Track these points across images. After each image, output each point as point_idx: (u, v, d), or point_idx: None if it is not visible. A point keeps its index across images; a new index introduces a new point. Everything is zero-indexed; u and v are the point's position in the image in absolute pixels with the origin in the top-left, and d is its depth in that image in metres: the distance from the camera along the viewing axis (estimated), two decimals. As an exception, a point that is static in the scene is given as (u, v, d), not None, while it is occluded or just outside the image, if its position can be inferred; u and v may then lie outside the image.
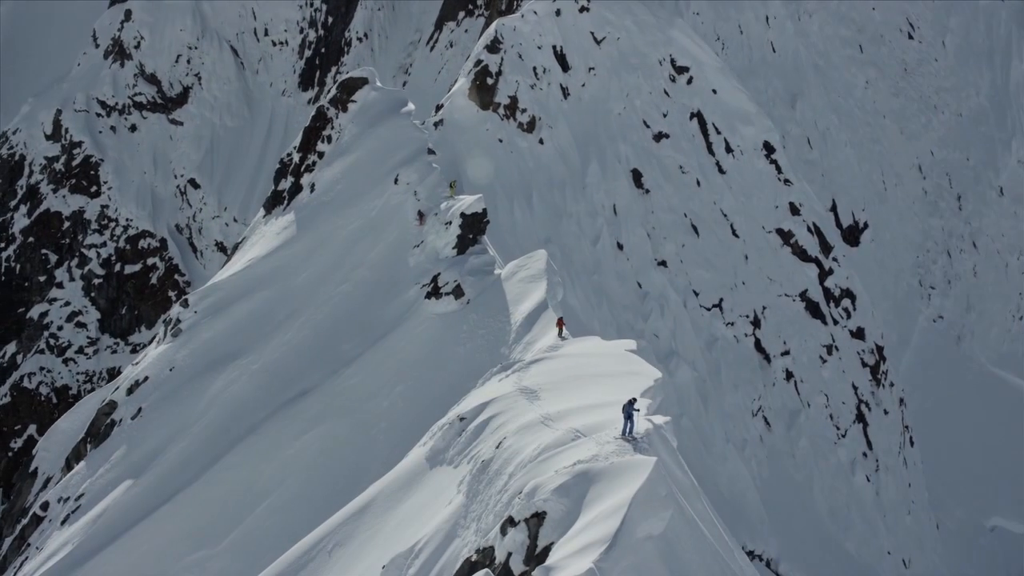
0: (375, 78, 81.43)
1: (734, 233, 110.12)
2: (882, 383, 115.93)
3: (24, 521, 69.25)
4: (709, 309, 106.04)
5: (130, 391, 66.40)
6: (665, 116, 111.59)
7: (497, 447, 34.66)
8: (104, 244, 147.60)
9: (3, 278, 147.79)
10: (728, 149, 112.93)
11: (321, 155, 76.82)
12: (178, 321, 68.84)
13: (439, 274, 63.13)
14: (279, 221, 74.71)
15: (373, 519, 39.58)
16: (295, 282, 68.58)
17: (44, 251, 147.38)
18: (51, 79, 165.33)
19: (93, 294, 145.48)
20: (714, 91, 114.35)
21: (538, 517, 27.00)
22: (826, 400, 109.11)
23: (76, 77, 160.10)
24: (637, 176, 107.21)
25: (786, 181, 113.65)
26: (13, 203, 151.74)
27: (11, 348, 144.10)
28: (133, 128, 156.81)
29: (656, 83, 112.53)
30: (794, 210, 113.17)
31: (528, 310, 57.27)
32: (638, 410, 30.66)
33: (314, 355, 63.56)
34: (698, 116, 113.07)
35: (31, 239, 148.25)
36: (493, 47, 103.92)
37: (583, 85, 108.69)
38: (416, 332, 61.15)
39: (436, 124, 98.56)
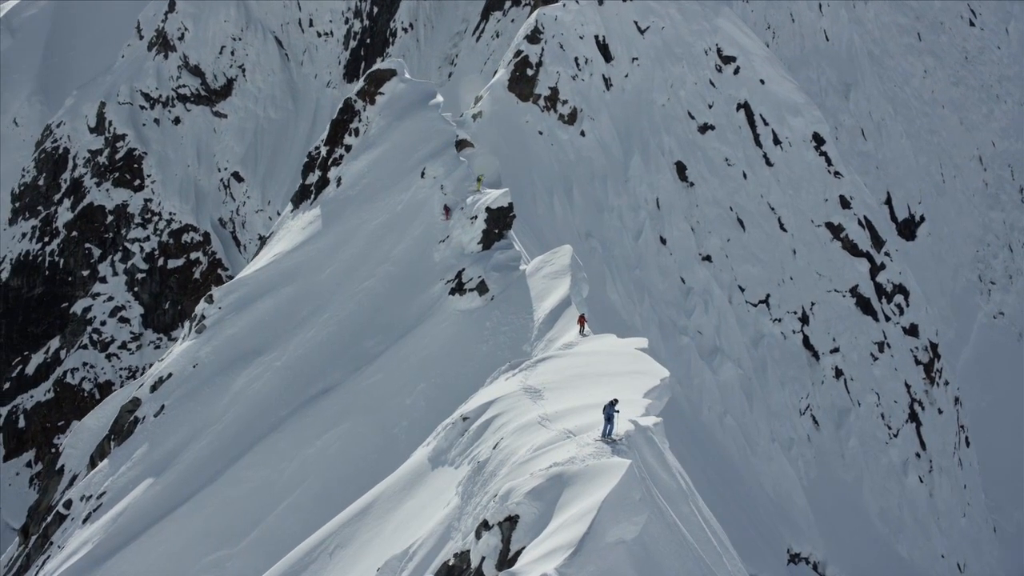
0: (403, 70, 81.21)
1: (782, 227, 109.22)
2: (936, 381, 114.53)
3: (48, 519, 69.82)
4: (755, 305, 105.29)
5: (154, 388, 66.73)
6: (711, 107, 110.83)
7: (494, 448, 34.48)
8: (147, 238, 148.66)
9: (47, 273, 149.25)
10: (776, 141, 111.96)
11: (348, 148, 76.85)
12: (202, 317, 69.10)
13: (463, 270, 62.78)
14: (305, 216, 74.82)
15: (375, 520, 39.53)
16: (320, 278, 68.62)
17: (88, 245, 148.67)
18: (96, 71, 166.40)
19: (136, 289, 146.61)
20: (762, 81, 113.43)
21: (511, 521, 26.76)
22: (877, 399, 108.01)
23: (120, 69, 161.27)
24: (681, 169, 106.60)
25: (836, 173, 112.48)
26: (57, 197, 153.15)
27: (55, 343, 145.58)
28: (177, 121, 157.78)
29: (701, 73, 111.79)
30: (844, 203, 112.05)
31: (551, 307, 56.88)
32: (618, 411, 30.27)
33: (337, 352, 63.52)
34: (745, 107, 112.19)
35: (74, 233, 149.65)
36: (533, 37, 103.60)
37: (626, 76, 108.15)
38: (439, 329, 60.93)
39: (475, 116, 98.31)
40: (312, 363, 63.74)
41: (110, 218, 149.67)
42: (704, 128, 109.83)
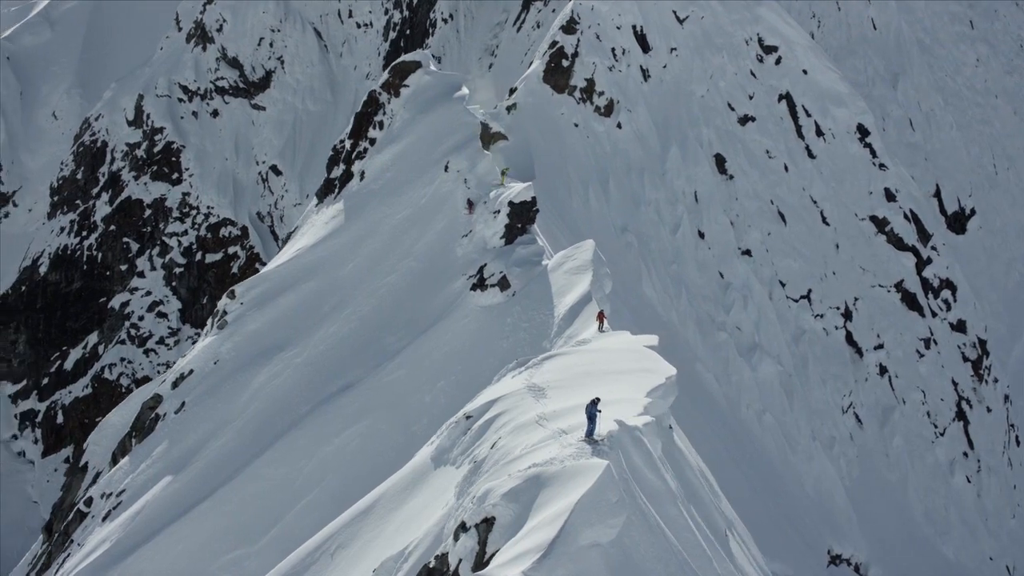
0: (429, 62, 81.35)
1: (824, 221, 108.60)
2: (985, 379, 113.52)
3: (69, 517, 70.44)
4: (796, 300, 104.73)
5: (175, 385, 67.21)
6: (751, 98, 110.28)
7: (491, 447, 34.44)
8: (185, 232, 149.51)
9: (85, 267, 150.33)
10: (819, 132, 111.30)
11: (372, 142, 76.98)
12: (224, 313, 69.48)
13: (485, 265, 62.59)
14: (328, 210, 75.09)
15: (376, 520, 39.61)
16: (342, 273, 68.81)
17: (126, 239, 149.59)
18: (134, 64, 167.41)
19: (174, 283, 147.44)
20: (804, 71, 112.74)
21: (487, 522, 26.69)
22: (923, 396, 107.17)
23: (158, 61, 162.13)
24: (720, 161, 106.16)
25: (881, 166, 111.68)
26: (95, 190, 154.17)
27: (93, 338, 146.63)
28: (215, 113, 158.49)
29: (742, 63, 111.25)
30: (890, 196, 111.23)
31: (571, 302, 56.65)
32: (600, 410, 30.15)
33: (358, 348, 63.67)
34: (787, 98, 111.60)
35: (112, 227, 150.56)
36: (569, 28, 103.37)
37: (664, 66, 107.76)
38: (460, 325, 60.88)
39: (509, 108, 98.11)
40: (333, 359, 63.92)
41: (148, 212, 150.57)
42: (744, 119, 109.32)
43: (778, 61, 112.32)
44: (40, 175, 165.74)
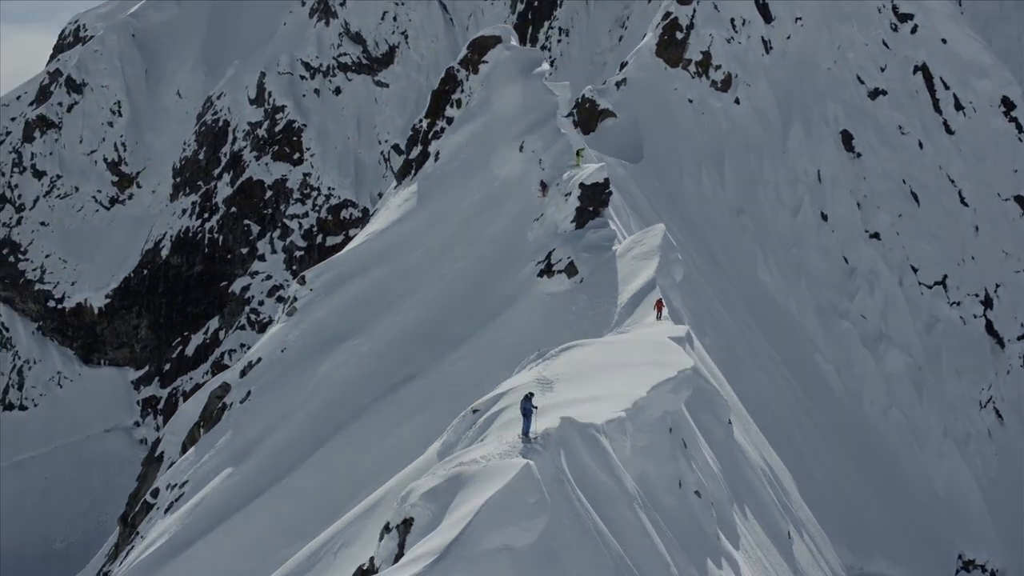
0: (510, 36, 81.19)
1: (963, 201, 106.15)
2: None
3: (136, 508, 72.27)
4: (930, 287, 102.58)
5: (243, 373, 68.47)
6: (883, 70, 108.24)
7: (482, 444, 34.49)
8: (306, 214, 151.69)
9: (206, 250, 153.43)
10: (958, 106, 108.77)
11: (450, 121, 77.15)
12: (294, 299, 70.47)
13: (553, 250, 62.08)
14: (403, 193, 75.47)
15: (380, 519, 39.87)
16: (411, 258, 68.99)
17: (246, 222, 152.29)
18: (259, 40, 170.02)
19: (295, 267, 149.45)
20: (943, 41, 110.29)
21: (407, 523, 26.52)
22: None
23: (280, 38, 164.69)
24: (847, 138, 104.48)
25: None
26: (216, 171, 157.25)
27: (214, 323, 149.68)
28: (337, 91, 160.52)
29: (874, 33, 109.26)
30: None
31: (635, 290, 56.01)
32: (536, 407, 29.90)
33: (423, 337, 63.80)
34: (923, 70, 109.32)
35: (233, 209, 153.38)
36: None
37: (788, 37, 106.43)
38: (526, 314, 60.47)
39: (618, 84, 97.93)
40: (398, 349, 64.15)
41: (269, 193, 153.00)
42: (875, 93, 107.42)
43: (914, 30, 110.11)
44: (164, 155, 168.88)
